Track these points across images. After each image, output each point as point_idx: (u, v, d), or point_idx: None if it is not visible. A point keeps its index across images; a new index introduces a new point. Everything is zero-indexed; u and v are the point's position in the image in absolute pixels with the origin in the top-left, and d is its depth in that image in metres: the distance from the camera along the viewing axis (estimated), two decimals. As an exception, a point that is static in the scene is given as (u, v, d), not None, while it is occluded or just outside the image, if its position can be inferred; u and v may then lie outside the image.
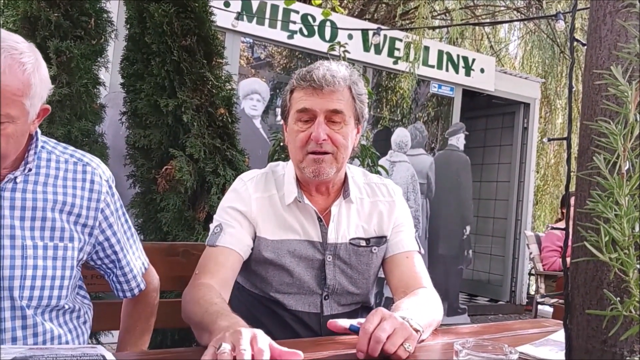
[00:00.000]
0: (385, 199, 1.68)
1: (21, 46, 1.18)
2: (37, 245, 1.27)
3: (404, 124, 6.43)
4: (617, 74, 0.57)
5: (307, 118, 1.53)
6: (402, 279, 1.61)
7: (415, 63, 5.47)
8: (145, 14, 2.48)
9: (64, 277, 1.31)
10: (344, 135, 1.53)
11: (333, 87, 1.50)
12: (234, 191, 1.64)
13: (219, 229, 1.56)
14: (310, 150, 1.52)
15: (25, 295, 1.25)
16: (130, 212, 2.64)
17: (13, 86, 1.13)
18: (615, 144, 0.56)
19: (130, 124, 2.61)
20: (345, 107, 1.53)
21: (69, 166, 1.36)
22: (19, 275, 1.24)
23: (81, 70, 2.31)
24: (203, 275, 1.49)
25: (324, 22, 5.08)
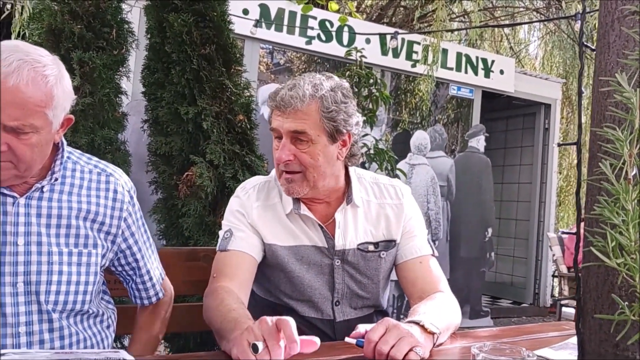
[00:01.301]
0: (393, 201, 1.67)
1: (45, 59, 1.22)
2: (62, 251, 1.32)
3: (424, 126, 6.42)
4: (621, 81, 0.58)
5: (277, 136, 1.54)
6: (417, 284, 1.61)
7: (433, 66, 5.46)
8: (165, 24, 2.53)
9: (88, 282, 1.36)
10: (311, 155, 1.51)
11: (292, 107, 1.49)
12: (237, 197, 1.67)
13: (229, 233, 1.59)
14: (281, 170, 1.54)
15: (51, 300, 1.30)
16: (153, 218, 2.69)
17: (36, 98, 1.18)
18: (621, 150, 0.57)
19: (152, 131, 2.66)
20: (310, 126, 1.50)
21: (92, 176, 1.41)
22: (45, 281, 1.29)
23: (103, 80, 2.37)
24: (221, 278, 1.52)
25: (341, 27, 5.10)
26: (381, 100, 3.01)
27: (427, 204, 5.78)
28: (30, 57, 1.20)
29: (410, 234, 1.67)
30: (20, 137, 1.18)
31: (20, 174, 1.24)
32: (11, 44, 1.22)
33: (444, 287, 1.61)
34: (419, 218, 1.71)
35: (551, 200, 7.09)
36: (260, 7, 4.89)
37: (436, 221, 5.84)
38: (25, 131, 1.18)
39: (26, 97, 1.16)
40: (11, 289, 1.26)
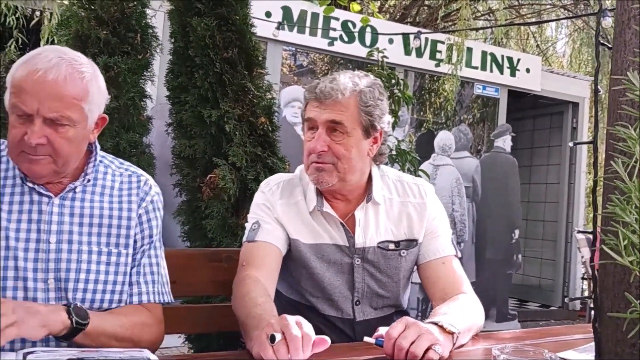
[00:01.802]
0: (416, 200, 1.68)
1: (81, 59, 1.32)
2: (92, 250, 1.37)
3: (449, 126, 6.37)
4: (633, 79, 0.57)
5: (312, 127, 1.58)
6: (440, 285, 1.61)
7: (458, 65, 5.41)
8: (189, 28, 2.57)
9: (116, 282, 1.40)
10: (345, 147, 1.55)
11: (332, 99, 1.53)
12: (262, 192, 1.70)
13: (257, 225, 1.62)
14: (312, 160, 1.57)
15: (79, 297, 1.34)
16: (177, 220, 2.73)
17: (73, 91, 1.26)
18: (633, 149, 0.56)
19: (176, 134, 2.70)
20: (347, 118, 1.54)
21: (124, 178, 1.48)
22: (74, 278, 1.34)
23: (128, 84, 2.42)
24: (249, 267, 1.54)
25: (364, 28, 5.10)
26: (403, 101, 3.00)
27: (452, 205, 5.74)
28: (68, 55, 1.29)
29: (433, 234, 1.67)
30: (58, 130, 1.26)
31: (58, 169, 1.30)
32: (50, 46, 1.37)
33: (466, 289, 1.60)
34: (442, 218, 1.71)
35: (580, 201, 6.96)
36: (282, 9, 4.92)
37: (461, 223, 5.79)
38: (63, 123, 1.25)
39: (64, 91, 1.25)
40: (43, 284, 1.31)
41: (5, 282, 1.28)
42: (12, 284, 1.29)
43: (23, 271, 1.30)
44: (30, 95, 1.23)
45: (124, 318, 1.36)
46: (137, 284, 1.44)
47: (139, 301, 1.44)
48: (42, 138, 1.24)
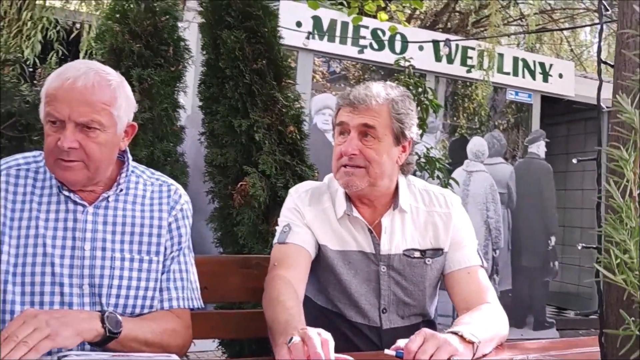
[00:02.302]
0: (442, 210, 1.69)
1: (108, 70, 1.40)
2: (124, 257, 1.42)
3: (483, 131, 6.31)
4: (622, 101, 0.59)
5: (343, 131, 1.61)
6: (464, 295, 1.62)
7: (489, 71, 5.38)
8: (219, 41, 2.64)
9: (148, 288, 1.44)
10: (376, 151, 1.58)
11: (365, 104, 1.58)
12: (291, 197, 1.74)
13: (288, 228, 1.66)
14: (342, 164, 1.59)
15: (111, 303, 1.39)
16: (209, 226, 2.79)
17: (102, 97, 1.33)
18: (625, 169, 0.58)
19: (208, 143, 2.77)
20: (380, 123, 1.58)
21: (154, 188, 1.53)
22: (107, 284, 1.39)
23: (161, 95, 2.50)
24: (280, 267, 1.57)
25: (393, 35, 5.12)
26: (431, 109, 3.01)
27: (486, 212, 5.68)
28: (96, 66, 1.38)
29: (459, 244, 1.67)
30: (89, 135, 1.32)
31: (91, 174, 1.36)
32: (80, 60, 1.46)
33: (491, 299, 1.60)
34: (468, 228, 1.72)
35: (618, 207, 6.79)
36: (313, 19, 4.98)
37: (496, 230, 5.72)
38: (93, 127, 1.32)
39: (93, 96, 1.32)
40: (78, 290, 1.36)
41: (42, 287, 1.34)
42: (50, 289, 1.35)
43: (59, 277, 1.35)
44: (61, 102, 1.30)
45: (154, 324, 1.40)
46: (167, 290, 1.48)
47: (169, 307, 1.47)
48: (74, 142, 1.31)
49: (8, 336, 1.10)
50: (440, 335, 1.27)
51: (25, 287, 1.34)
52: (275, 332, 1.34)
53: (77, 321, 1.21)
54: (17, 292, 1.33)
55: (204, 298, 1.60)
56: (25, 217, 1.37)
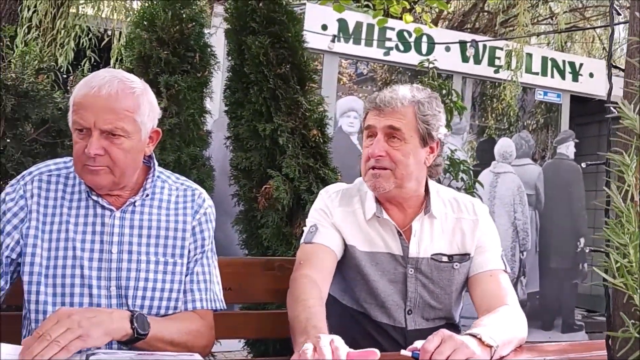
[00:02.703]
0: (470, 217, 1.71)
1: (132, 77, 1.45)
2: (150, 260, 1.47)
3: (512, 132, 6.25)
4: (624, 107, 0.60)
5: (371, 134, 1.64)
6: (484, 297, 1.63)
7: (517, 71, 5.33)
8: (244, 47, 2.70)
9: (172, 289, 1.49)
10: (403, 153, 1.60)
11: (390, 107, 1.61)
12: (321, 198, 1.77)
13: (315, 228, 1.69)
14: (370, 166, 1.62)
15: (137, 304, 1.45)
16: (235, 229, 2.85)
17: (125, 104, 1.38)
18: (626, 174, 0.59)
19: (234, 147, 2.83)
20: (405, 125, 1.61)
21: (179, 192, 1.57)
22: (133, 286, 1.44)
23: (188, 101, 2.56)
24: (306, 266, 1.61)
25: (420, 36, 5.11)
26: (455, 110, 3.01)
27: (514, 214, 5.62)
28: (120, 74, 1.43)
29: (482, 248, 1.69)
30: (114, 141, 1.37)
31: (117, 179, 1.41)
32: (106, 68, 1.47)
33: (511, 301, 1.59)
34: (493, 235, 1.73)
35: (651, 208, 6.64)
36: (338, 21, 5.01)
37: (524, 231, 5.66)
38: (118, 134, 1.37)
39: (117, 104, 1.37)
40: (106, 291, 1.42)
41: (72, 289, 1.41)
42: (79, 290, 1.41)
43: (88, 279, 1.41)
44: (87, 110, 1.36)
45: (179, 324, 1.44)
46: (190, 292, 1.52)
47: (193, 308, 1.52)
48: (100, 149, 1.36)
49: (42, 335, 1.15)
50: (458, 337, 1.28)
51: (57, 289, 1.40)
52: (295, 331, 1.38)
53: (107, 321, 1.26)
54: (49, 292, 1.40)
55: (228, 299, 1.64)
56: (56, 221, 1.44)
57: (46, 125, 2.36)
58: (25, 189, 1.46)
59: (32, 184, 1.46)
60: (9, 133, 2.25)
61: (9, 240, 1.42)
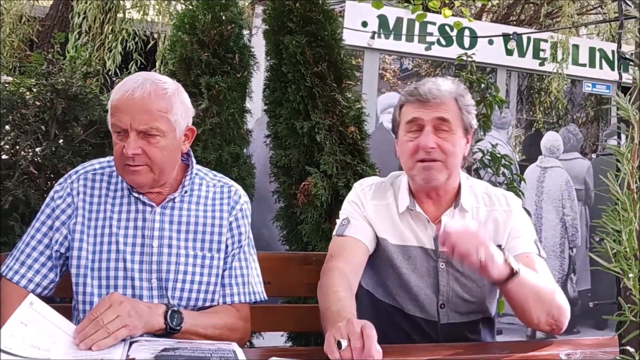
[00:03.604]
0: (502, 208, 1.72)
1: (164, 79, 1.52)
2: (188, 254, 1.55)
3: (560, 125, 6.12)
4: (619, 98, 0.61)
5: (415, 128, 1.64)
6: None
7: (563, 63, 5.20)
8: (281, 46, 2.75)
9: (209, 283, 1.56)
10: (452, 143, 1.62)
11: (439, 99, 1.62)
12: (355, 191, 1.81)
13: (347, 221, 1.73)
14: (419, 159, 1.62)
15: (176, 296, 1.52)
16: (275, 225, 2.91)
17: (159, 104, 1.45)
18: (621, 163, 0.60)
19: (273, 145, 2.89)
20: (452, 117, 1.63)
21: (216, 189, 1.65)
22: (172, 279, 1.52)
23: (228, 101, 2.63)
24: (337, 258, 1.65)
25: (462, 30, 5.06)
26: (495, 104, 2.98)
27: (562, 209, 5.49)
28: (153, 77, 1.50)
29: (516, 234, 1.69)
30: (150, 141, 1.45)
31: (156, 177, 1.49)
32: (140, 72, 1.55)
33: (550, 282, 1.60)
34: (527, 224, 1.73)
35: None
36: (378, 18, 5.01)
37: (573, 227, 5.51)
38: (153, 134, 1.44)
39: (150, 105, 1.44)
40: (147, 284, 1.51)
41: (116, 281, 1.50)
42: (122, 282, 1.50)
43: (131, 272, 1.50)
44: (123, 113, 1.43)
45: (216, 318, 1.51)
46: (228, 286, 1.59)
47: (231, 302, 1.59)
48: (138, 149, 1.44)
49: (95, 319, 1.25)
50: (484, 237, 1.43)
51: (102, 281, 1.50)
52: (326, 321, 1.42)
53: (147, 315, 1.35)
54: (95, 285, 1.49)
55: (268, 292, 1.70)
56: (100, 217, 1.53)
57: (94, 127, 2.47)
58: (72, 187, 1.55)
59: (78, 182, 1.56)
60: (60, 134, 2.36)
61: (58, 235, 1.52)
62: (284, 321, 2.15)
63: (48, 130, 2.34)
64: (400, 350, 1.46)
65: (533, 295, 1.50)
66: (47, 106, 2.34)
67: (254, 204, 3.14)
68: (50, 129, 2.34)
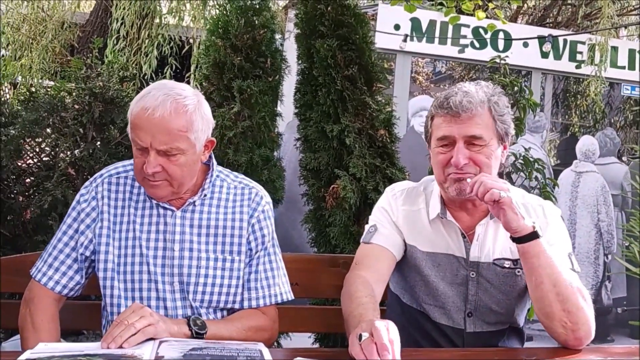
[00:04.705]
0: (539, 220, 1.62)
1: (185, 92, 1.47)
2: (209, 257, 1.56)
3: (597, 129, 5.98)
4: None
5: (447, 143, 1.58)
6: None
7: (602, 66, 5.08)
8: (313, 50, 2.78)
9: (230, 285, 1.58)
10: (486, 155, 1.56)
11: (470, 112, 1.54)
12: (385, 196, 1.78)
13: (374, 228, 1.70)
14: (450, 172, 1.57)
15: (198, 298, 1.55)
16: (304, 227, 2.94)
17: (179, 124, 1.43)
18: None
19: (303, 148, 2.92)
20: (485, 130, 1.55)
21: (237, 191, 1.64)
22: (194, 282, 1.54)
23: (259, 104, 2.67)
24: (361, 267, 1.63)
25: (496, 32, 4.99)
26: (529, 108, 2.94)
27: (597, 215, 5.37)
28: (173, 91, 1.45)
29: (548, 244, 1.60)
30: (170, 159, 1.44)
31: (175, 190, 1.50)
32: (159, 82, 1.50)
33: (582, 298, 1.51)
34: (562, 237, 1.67)
35: None
36: (411, 21, 4.99)
37: (608, 233, 5.39)
38: (173, 153, 1.44)
39: (170, 125, 1.42)
40: (170, 287, 1.53)
41: (141, 284, 1.53)
42: (147, 285, 1.53)
43: (154, 275, 1.52)
44: (143, 132, 1.41)
45: (239, 323, 1.52)
46: (254, 290, 1.59)
47: (256, 305, 1.59)
48: (157, 167, 1.43)
49: (120, 321, 1.29)
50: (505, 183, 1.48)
51: (127, 284, 1.53)
52: (350, 325, 1.41)
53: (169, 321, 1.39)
54: (121, 287, 1.53)
55: (296, 293, 1.70)
56: (124, 221, 1.55)
57: (130, 130, 2.54)
58: (96, 190, 1.58)
59: (102, 185, 1.58)
60: (97, 137, 2.44)
61: (83, 238, 1.55)
62: (311, 322, 2.16)
63: (86, 132, 2.42)
64: (426, 353, 1.46)
65: (550, 274, 1.45)
66: (85, 109, 2.42)
67: (283, 206, 3.20)
68: (87, 131, 2.41)
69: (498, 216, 1.49)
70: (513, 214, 1.45)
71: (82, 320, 1.87)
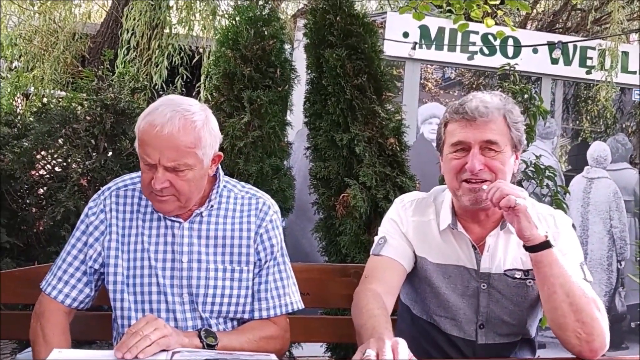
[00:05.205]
0: (550, 230, 1.59)
1: (193, 108, 1.47)
2: (218, 268, 1.56)
3: (608, 135, 5.95)
4: None
5: (461, 148, 1.57)
6: None
7: (612, 71, 5.06)
8: (322, 60, 2.79)
9: (239, 295, 1.57)
10: (501, 161, 1.55)
11: (486, 117, 1.53)
12: (395, 207, 1.76)
13: (383, 240, 1.69)
14: (464, 178, 1.55)
15: (207, 309, 1.55)
16: (315, 236, 2.94)
17: (187, 141, 1.42)
18: None
19: (313, 157, 2.92)
20: (500, 136, 1.54)
21: (244, 201, 1.63)
22: (203, 293, 1.54)
23: (269, 114, 2.68)
24: (371, 279, 1.62)
25: (505, 39, 4.99)
26: (539, 115, 2.93)
27: (609, 221, 5.33)
28: (181, 107, 1.45)
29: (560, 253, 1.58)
30: (178, 174, 1.44)
31: (182, 204, 1.50)
32: (167, 97, 1.50)
33: (596, 307, 1.48)
34: (574, 246, 1.65)
35: None
36: (420, 28, 4.99)
37: (621, 240, 5.34)
38: (181, 169, 1.44)
39: (179, 142, 1.41)
40: (179, 298, 1.53)
41: (150, 296, 1.53)
42: (156, 297, 1.53)
43: (163, 287, 1.53)
44: (151, 148, 1.41)
45: (250, 334, 1.52)
46: (265, 300, 1.59)
47: (267, 316, 1.59)
48: (165, 182, 1.43)
49: (135, 332, 1.29)
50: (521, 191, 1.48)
51: (137, 296, 1.53)
52: (363, 337, 1.39)
53: (181, 333, 1.40)
54: (131, 300, 1.53)
55: (307, 303, 1.70)
56: (133, 234, 1.56)
57: (141, 140, 2.55)
58: (105, 203, 1.58)
59: (110, 198, 1.58)
60: (109, 148, 2.46)
61: (92, 251, 1.56)
62: (322, 332, 2.16)
63: (97, 144, 2.44)
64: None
65: (563, 283, 1.44)
66: (97, 121, 2.44)
67: (293, 215, 3.20)
68: (99, 142, 2.43)
69: (512, 223, 1.48)
70: (527, 222, 1.44)
71: (94, 331, 1.88)
